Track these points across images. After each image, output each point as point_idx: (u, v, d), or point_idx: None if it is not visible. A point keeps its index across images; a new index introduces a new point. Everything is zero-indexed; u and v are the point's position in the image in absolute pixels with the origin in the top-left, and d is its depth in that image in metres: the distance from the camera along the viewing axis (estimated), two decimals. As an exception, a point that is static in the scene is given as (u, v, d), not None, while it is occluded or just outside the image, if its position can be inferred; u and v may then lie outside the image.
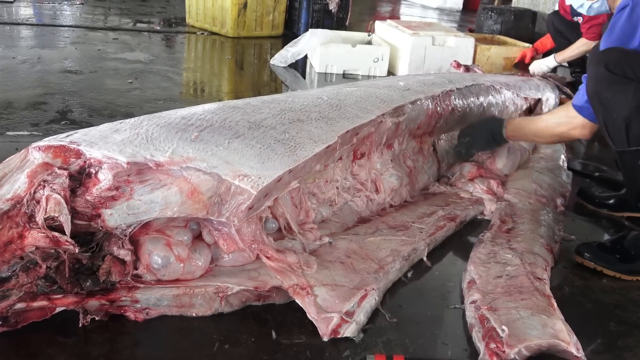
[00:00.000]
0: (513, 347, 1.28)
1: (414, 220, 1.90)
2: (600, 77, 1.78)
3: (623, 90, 1.73)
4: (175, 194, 1.30)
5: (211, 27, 5.41)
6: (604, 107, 1.79)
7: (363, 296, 1.44)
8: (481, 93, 2.57)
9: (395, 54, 4.32)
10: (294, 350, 1.31)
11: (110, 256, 1.32)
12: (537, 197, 2.18)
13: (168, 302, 1.37)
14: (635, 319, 1.57)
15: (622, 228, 2.14)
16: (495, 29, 5.59)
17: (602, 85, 1.79)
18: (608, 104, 1.78)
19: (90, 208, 1.25)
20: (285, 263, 1.45)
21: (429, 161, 2.31)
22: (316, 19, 5.40)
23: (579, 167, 2.66)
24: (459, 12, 9.55)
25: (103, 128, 1.41)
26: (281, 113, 1.67)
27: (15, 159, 1.31)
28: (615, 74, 1.74)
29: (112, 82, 3.44)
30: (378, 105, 1.93)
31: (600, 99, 1.80)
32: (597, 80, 1.80)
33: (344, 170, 1.89)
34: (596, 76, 1.80)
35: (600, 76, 1.78)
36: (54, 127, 2.58)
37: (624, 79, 1.73)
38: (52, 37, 4.64)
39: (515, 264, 1.66)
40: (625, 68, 1.73)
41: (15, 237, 1.19)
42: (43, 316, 1.29)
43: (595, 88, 1.81)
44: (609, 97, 1.77)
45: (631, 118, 1.74)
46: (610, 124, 1.79)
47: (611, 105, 1.77)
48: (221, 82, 3.95)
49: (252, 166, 1.38)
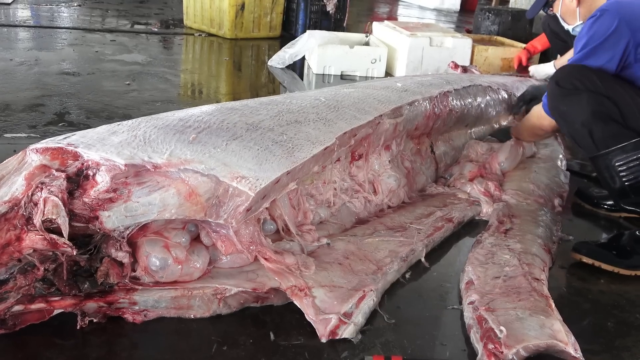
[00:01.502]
0: (511, 348, 1.28)
1: (412, 221, 1.90)
2: (554, 93, 1.98)
3: (576, 101, 1.91)
4: (173, 196, 1.30)
5: (209, 29, 5.41)
6: (564, 119, 1.98)
7: (361, 297, 1.44)
8: (479, 94, 2.58)
9: (393, 55, 4.32)
10: (292, 351, 1.31)
11: (108, 258, 1.32)
12: (535, 198, 2.18)
13: (166, 303, 1.37)
14: (633, 319, 1.57)
15: (619, 228, 2.14)
16: (492, 29, 5.59)
17: (557, 100, 1.97)
18: (566, 116, 1.95)
19: (88, 210, 1.25)
20: (284, 264, 1.45)
21: (426, 162, 2.31)
22: (314, 20, 5.39)
23: (577, 168, 2.67)
24: (457, 13, 9.55)
25: (101, 130, 1.40)
26: (279, 115, 1.67)
27: (12, 161, 1.31)
28: (566, 88, 1.93)
29: (109, 83, 3.44)
30: (376, 106, 1.93)
31: (559, 113, 1.99)
32: (552, 97, 2.00)
33: (341, 172, 1.89)
34: (551, 93, 2.00)
35: (554, 92, 1.98)
36: (51, 129, 2.58)
37: (574, 91, 1.91)
38: (50, 39, 4.64)
39: (513, 265, 1.66)
40: (573, 81, 1.91)
41: (12, 240, 1.19)
42: (41, 318, 1.29)
43: (553, 103, 2.01)
44: (565, 110, 1.95)
45: (590, 123, 1.90)
46: (575, 134, 1.96)
47: (570, 116, 1.94)
48: (219, 83, 3.95)
49: (250, 168, 1.38)
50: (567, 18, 2.38)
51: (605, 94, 1.88)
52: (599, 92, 1.88)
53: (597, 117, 1.88)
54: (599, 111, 1.88)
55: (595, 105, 1.88)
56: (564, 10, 2.37)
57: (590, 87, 1.89)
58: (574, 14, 2.31)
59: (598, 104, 1.88)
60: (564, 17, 2.40)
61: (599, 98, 1.88)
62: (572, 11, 2.31)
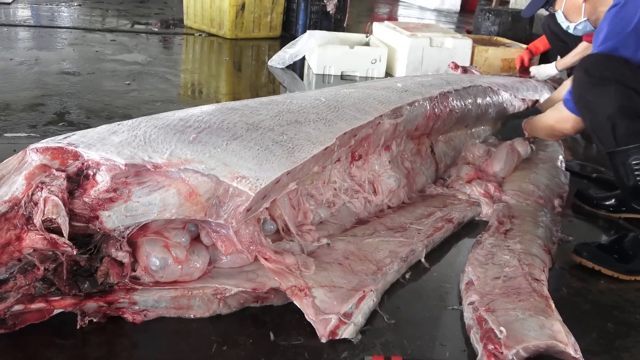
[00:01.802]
0: (511, 348, 1.28)
1: (412, 222, 1.90)
2: (581, 82, 1.89)
3: (604, 92, 1.83)
4: (173, 195, 1.30)
5: (209, 29, 5.41)
6: (589, 109, 1.89)
7: (361, 297, 1.44)
8: (479, 94, 2.58)
9: (393, 56, 4.32)
10: (292, 352, 1.31)
11: (108, 258, 1.32)
12: (535, 199, 2.18)
13: (166, 303, 1.37)
14: (633, 319, 1.57)
15: (619, 229, 2.14)
16: (492, 30, 5.60)
17: (585, 89, 1.88)
18: (592, 106, 1.87)
19: (88, 210, 1.25)
20: (284, 264, 1.45)
21: (426, 162, 2.31)
22: (314, 20, 5.40)
23: (577, 168, 2.67)
24: (457, 13, 9.55)
25: (101, 130, 1.40)
26: (279, 115, 1.67)
27: (12, 161, 1.31)
28: (595, 77, 1.84)
29: (109, 83, 3.44)
30: (376, 106, 1.93)
31: (585, 103, 1.90)
32: (579, 85, 1.90)
33: (342, 172, 1.89)
34: (578, 81, 1.90)
35: (581, 80, 1.89)
36: (51, 129, 2.57)
37: (603, 81, 1.83)
38: (50, 39, 4.64)
39: (513, 265, 1.66)
40: (603, 71, 1.83)
41: (12, 239, 1.19)
42: (41, 318, 1.29)
43: (579, 92, 1.91)
44: (592, 100, 1.87)
45: (615, 118, 1.83)
46: (597, 127, 1.88)
47: (595, 107, 1.86)
48: (219, 83, 3.95)
49: (250, 168, 1.38)
50: (571, 15, 2.32)
51: (633, 87, 1.81)
52: (628, 85, 1.81)
53: (624, 113, 1.82)
54: (626, 106, 1.82)
55: (623, 100, 1.81)
56: (568, 7, 2.32)
57: (620, 79, 1.82)
58: (579, 10, 2.26)
59: (626, 99, 1.81)
60: (567, 13, 2.34)
61: (628, 92, 1.81)
62: (578, 7, 2.27)
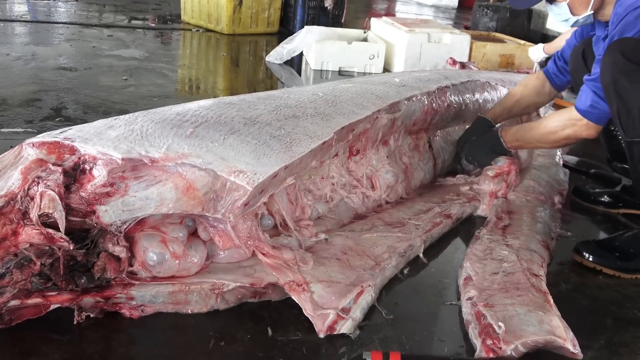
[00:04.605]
0: (509, 344, 1.28)
1: (410, 217, 1.90)
2: (617, 65, 1.74)
3: None
4: (170, 190, 1.29)
5: (206, 24, 5.40)
6: (619, 95, 1.76)
7: (359, 293, 1.43)
8: (477, 89, 2.58)
9: (391, 51, 4.32)
10: (290, 347, 1.30)
11: (105, 253, 1.31)
12: (536, 195, 2.18)
13: (163, 299, 1.36)
14: (632, 315, 1.57)
15: (617, 224, 2.14)
16: (490, 26, 5.60)
17: (621, 73, 1.74)
18: (625, 92, 1.74)
19: (85, 204, 1.25)
20: (281, 259, 1.45)
21: (424, 157, 2.31)
22: (312, 16, 5.39)
23: (574, 164, 2.67)
24: (455, 9, 9.55)
25: (97, 124, 1.40)
26: (277, 109, 1.67)
27: (9, 156, 1.30)
28: (632, 62, 1.71)
29: (106, 79, 3.43)
30: (374, 101, 1.93)
31: (616, 88, 1.76)
32: (614, 68, 1.76)
33: (339, 167, 1.88)
34: (614, 64, 1.76)
35: (618, 64, 1.74)
36: (48, 124, 2.56)
37: None
38: (47, 34, 4.62)
39: (511, 261, 1.66)
40: None
41: (9, 234, 1.18)
42: (37, 313, 1.28)
43: (613, 76, 1.76)
44: (626, 86, 1.73)
45: None
46: (624, 114, 1.76)
47: (628, 93, 1.73)
48: (216, 79, 3.94)
49: (247, 162, 1.37)
50: (577, 7, 2.13)
51: None
52: None
53: None
54: None
55: None
56: None
57: None
58: (587, 3, 2.04)
59: None
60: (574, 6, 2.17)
61: None
62: None
